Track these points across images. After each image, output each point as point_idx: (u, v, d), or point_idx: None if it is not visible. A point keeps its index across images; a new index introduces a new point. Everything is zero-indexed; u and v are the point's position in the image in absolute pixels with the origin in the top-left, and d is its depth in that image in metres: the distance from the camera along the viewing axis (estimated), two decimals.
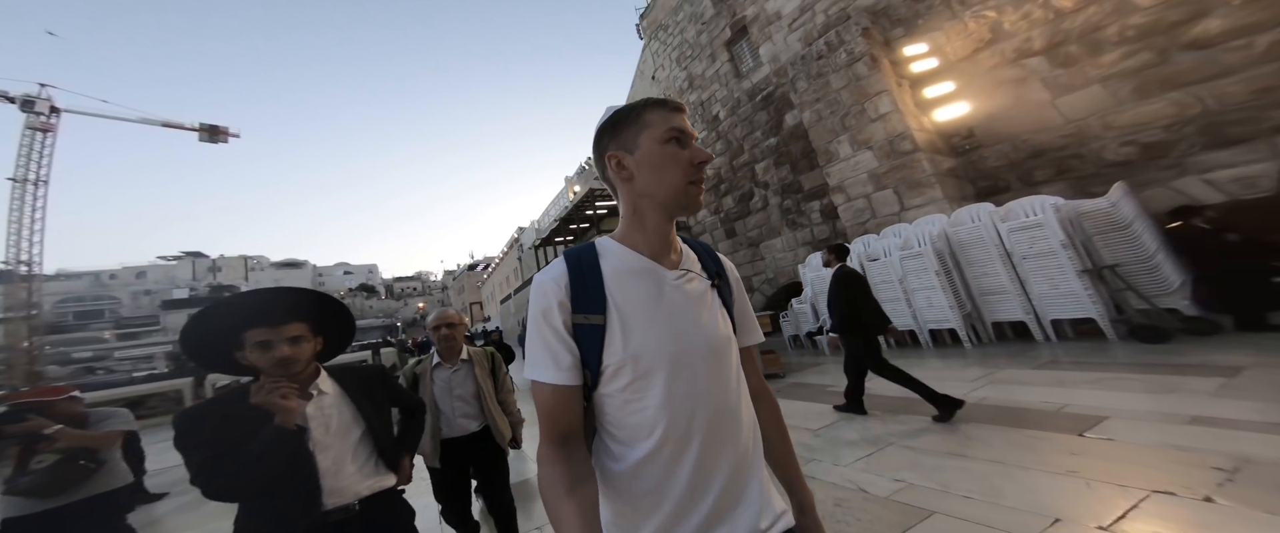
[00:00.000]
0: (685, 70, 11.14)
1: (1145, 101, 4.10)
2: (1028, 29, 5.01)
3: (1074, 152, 4.59)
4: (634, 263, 0.54)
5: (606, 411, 0.52)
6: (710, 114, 10.48)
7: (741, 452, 0.53)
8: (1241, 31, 3.64)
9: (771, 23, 8.85)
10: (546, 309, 0.51)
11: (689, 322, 0.53)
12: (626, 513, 0.51)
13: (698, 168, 0.52)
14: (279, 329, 0.89)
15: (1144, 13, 4.13)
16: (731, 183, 10.12)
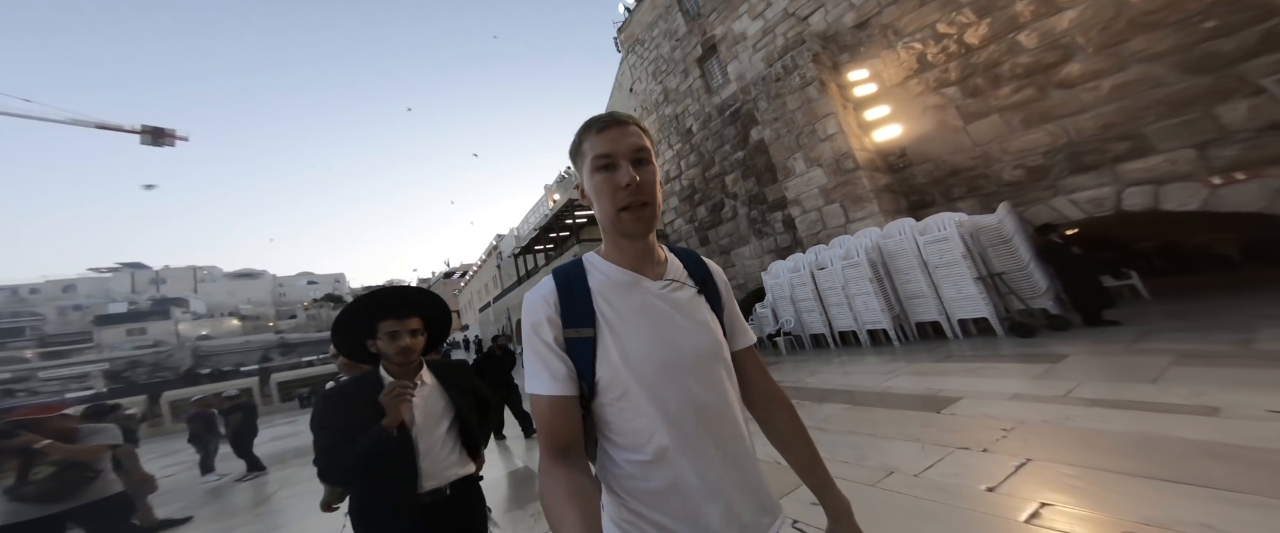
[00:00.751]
0: (660, 84, 11.86)
1: (1030, 131, 4.99)
2: (945, 61, 5.91)
3: (981, 171, 5.45)
4: (618, 276, 0.56)
5: (606, 419, 0.54)
6: (684, 127, 11.19)
7: (737, 454, 0.54)
8: (1093, 75, 4.57)
9: (738, 42, 9.64)
10: (536, 324, 0.54)
11: (676, 330, 0.55)
12: (630, 518, 0.52)
13: (625, 191, 0.51)
14: (404, 322, 1.02)
15: (1028, 53, 5.05)
16: (704, 193, 10.80)
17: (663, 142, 12.03)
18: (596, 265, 0.58)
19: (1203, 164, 3.97)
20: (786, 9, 8.29)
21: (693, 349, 0.55)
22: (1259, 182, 3.68)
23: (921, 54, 6.15)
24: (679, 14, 11.13)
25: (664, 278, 0.58)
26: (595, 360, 0.53)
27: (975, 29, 5.58)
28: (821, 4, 7.62)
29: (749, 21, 9.19)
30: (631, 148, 0.53)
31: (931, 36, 6.00)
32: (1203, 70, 4.01)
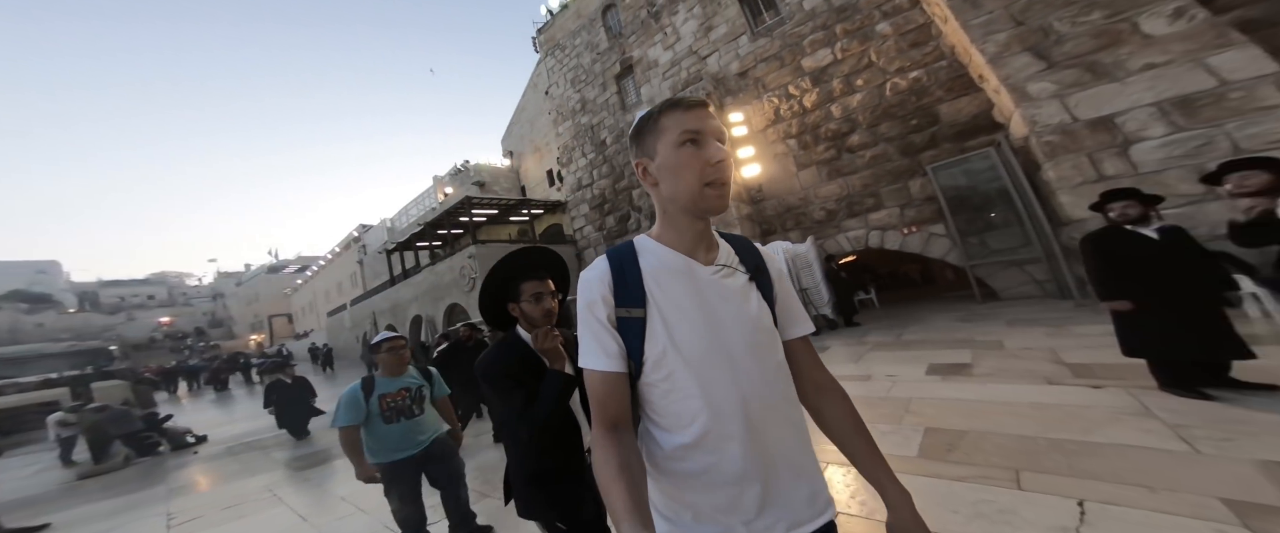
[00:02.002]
0: (578, 93, 12.82)
1: (830, 182, 7.04)
2: (790, 117, 7.84)
3: (803, 210, 7.42)
4: (671, 260, 0.60)
5: (650, 399, 0.59)
6: (599, 138, 12.25)
7: (785, 441, 0.58)
8: (863, 146, 6.69)
9: (651, 68, 11.07)
10: (592, 303, 0.58)
11: (727, 315, 0.59)
12: (673, 495, 0.58)
13: (715, 168, 0.55)
14: (545, 282, 1.10)
15: (834, 122, 7.10)
16: (614, 203, 11.92)
17: (576, 149, 12.95)
18: (649, 248, 0.62)
19: (902, 219, 6.22)
20: (691, 47, 9.92)
21: (741, 336, 0.58)
22: (920, 234, 5.99)
23: (777, 108, 8.04)
24: (602, 29, 12.31)
25: (716, 263, 0.62)
26: (644, 341, 0.57)
27: (809, 95, 7.61)
28: (717, 50, 9.34)
29: (662, 51, 10.69)
30: (717, 129, 0.58)
31: (784, 95, 7.93)
32: (906, 154, 6.30)
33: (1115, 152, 4.04)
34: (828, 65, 7.45)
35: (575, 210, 13.47)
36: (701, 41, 9.66)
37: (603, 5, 12.12)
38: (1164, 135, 3.82)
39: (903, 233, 6.50)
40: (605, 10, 12.20)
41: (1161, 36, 3.88)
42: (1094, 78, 4.16)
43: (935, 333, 4.56)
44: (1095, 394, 2.31)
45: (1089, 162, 4.16)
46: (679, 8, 9.94)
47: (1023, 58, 4.60)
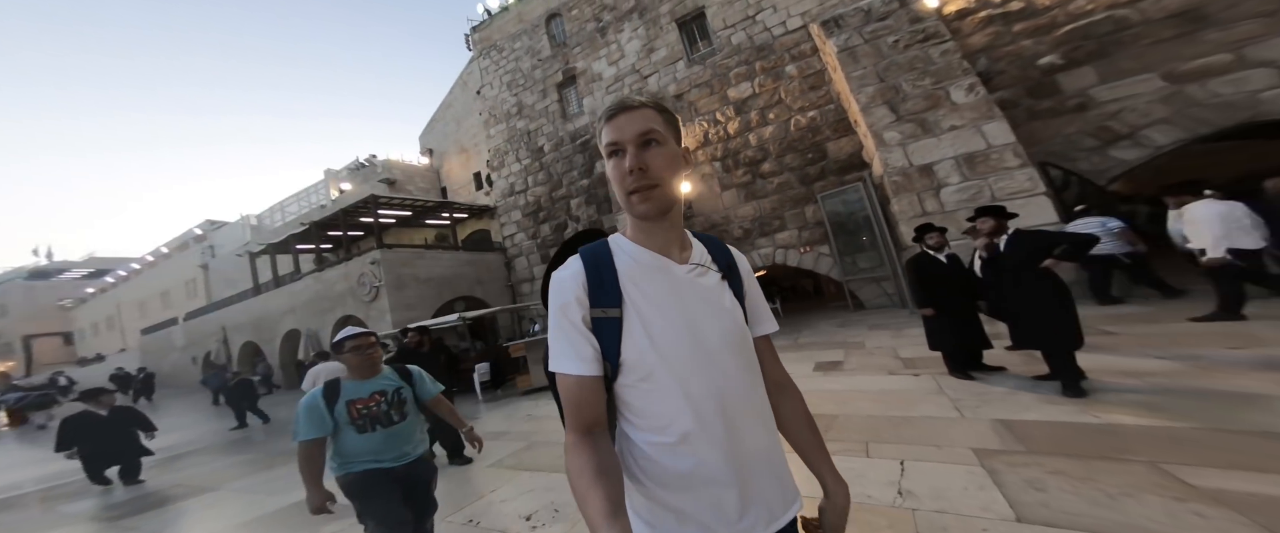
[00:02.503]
0: (516, 97, 12.72)
1: (746, 204, 7.97)
2: (717, 141, 8.74)
3: (724, 228, 8.27)
4: (646, 259, 0.61)
5: (628, 401, 0.59)
6: (536, 145, 12.19)
7: (758, 438, 0.60)
8: (772, 174, 7.75)
9: (595, 81, 11.51)
10: (565, 305, 0.58)
11: (702, 314, 0.60)
12: (654, 499, 0.58)
13: (631, 177, 0.57)
14: None
15: (751, 149, 8.10)
16: (550, 212, 11.81)
17: (510, 153, 12.72)
18: (623, 247, 0.63)
19: (799, 239, 7.32)
20: (634, 65, 10.64)
21: (717, 334, 0.60)
22: (812, 253, 7.12)
23: (706, 131, 8.92)
24: (546, 37, 12.56)
25: (691, 262, 0.63)
26: (621, 342, 0.57)
27: (732, 123, 8.62)
28: (657, 71, 10.12)
29: (606, 65, 11.28)
30: (636, 133, 0.58)
31: (712, 120, 8.85)
32: (804, 183, 7.51)
33: (933, 193, 5.49)
34: (748, 97, 8.65)
35: (506, 217, 13.00)
36: (644, 61, 10.51)
37: (547, 13, 12.47)
38: (958, 183, 5.37)
39: (800, 252, 7.81)
40: (550, 18, 12.56)
41: (961, 104, 5.39)
42: (923, 132, 5.59)
43: (821, 337, 5.58)
44: (915, 381, 3.20)
45: (918, 199, 5.57)
46: (624, 26, 10.79)
47: (882, 110, 5.95)
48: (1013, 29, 6.17)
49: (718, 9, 9.26)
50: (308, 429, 1.56)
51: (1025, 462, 1.85)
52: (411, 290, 10.57)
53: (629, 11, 10.63)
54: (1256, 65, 4.89)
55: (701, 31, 9.76)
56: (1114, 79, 5.55)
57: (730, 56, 8.96)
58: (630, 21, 10.65)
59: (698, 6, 9.60)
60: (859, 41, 6.30)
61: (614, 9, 10.94)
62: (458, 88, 17.64)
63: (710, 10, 9.38)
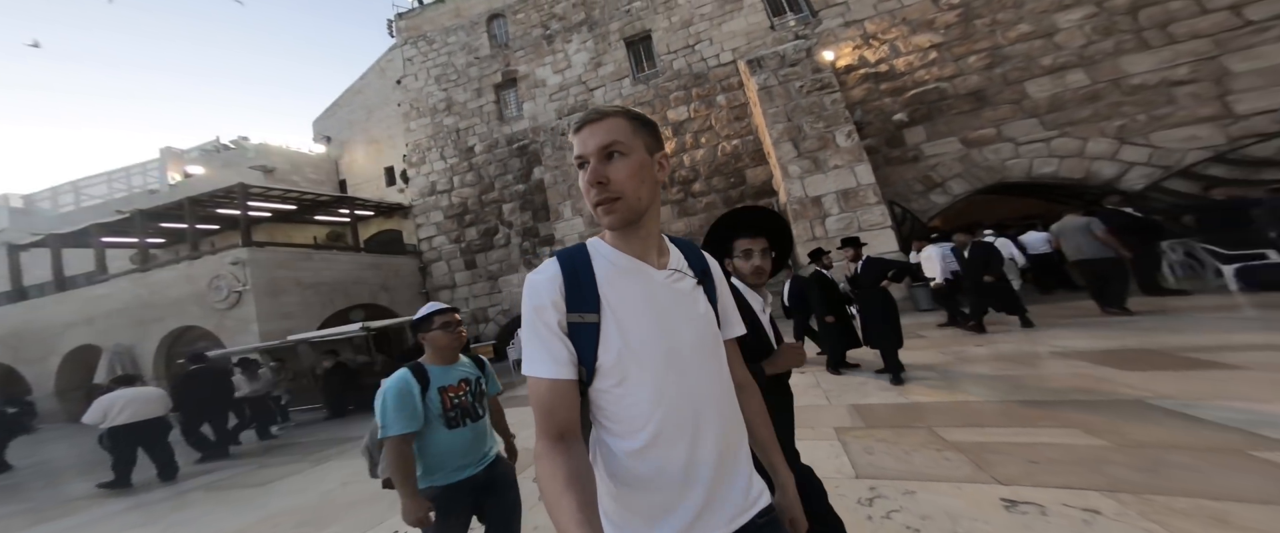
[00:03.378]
0: (445, 92, 12.65)
1: (679, 220, 9.17)
2: None
3: None
4: (624, 263, 0.66)
5: (603, 405, 0.64)
6: (465, 144, 12.16)
7: (729, 439, 0.66)
8: (702, 194, 9.02)
9: (538, 86, 12.02)
10: (540, 307, 0.62)
11: (679, 319, 0.65)
12: (626, 502, 0.62)
13: (593, 189, 0.63)
14: (758, 240, 1.26)
15: (685, 169, 9.29)
16: (478, 215, 11.67)
17: (434, 150, 12.46)
18: (602, 251, 0.67)
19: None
20: (580, 76, 11.47)
21: (694, 339, 0.65)
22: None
23: None
24: (486, 36, 12.92)
25: (668, 268, 0.69)
26: (598, 346, 0.61)
27: (670, 143, 9.81)
28: (603, 85, 11.05)
29: (551, 73, 11.94)
30: (598, 146, 0.63)
31: None
32: (727, 205, 9.07)
33: (820, 221, 7.32)
34: (684, 120, 10.06)
35: (424, 217, 12.45)
36: (590, 74, 11.49)
37: (490, 13, 12.93)
38: (838, 214, 7.27)
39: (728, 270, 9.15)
40: (492, 18, 13.04)
41: (842, 147, 7.23)
42: (816, 168, 7.33)
43: None
44: (801, 377, 4.19)
45: (810, 225, 7.25)
46: (573, 37, 11.88)
47: (788, 145, 7.59)
48: (880, 87, 8.62)
49: (663, 34, 10.86)
50: (401, 422, 1.38)
51: (864, 435, 2.70)
52: (291, 297, 9.47)
53: (579, 24, 11.78)
54: (1005, 140, 7.70)
55: (648, 53, 11.27)
56: (934, 138, 8.11)
57: (671, 80, 10.43)
58: (580, 34, 11.76)
59: (645, 30, 11.11)
60: (774, 83, 8.06)
61: (564, 19, 12.03)
62: (373, 74, 16.70)
63: (656, 35, 10.95)
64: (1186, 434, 2.10)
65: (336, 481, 3.59)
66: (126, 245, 12.36)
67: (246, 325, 8.61)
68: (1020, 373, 3.33)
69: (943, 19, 8.27)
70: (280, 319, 8.94)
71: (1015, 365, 3.53)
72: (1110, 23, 7.29)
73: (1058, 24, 7.59)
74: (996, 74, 7.81)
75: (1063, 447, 2.16)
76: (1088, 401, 2.65)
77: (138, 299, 9.51)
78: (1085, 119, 7.25)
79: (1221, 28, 6.69)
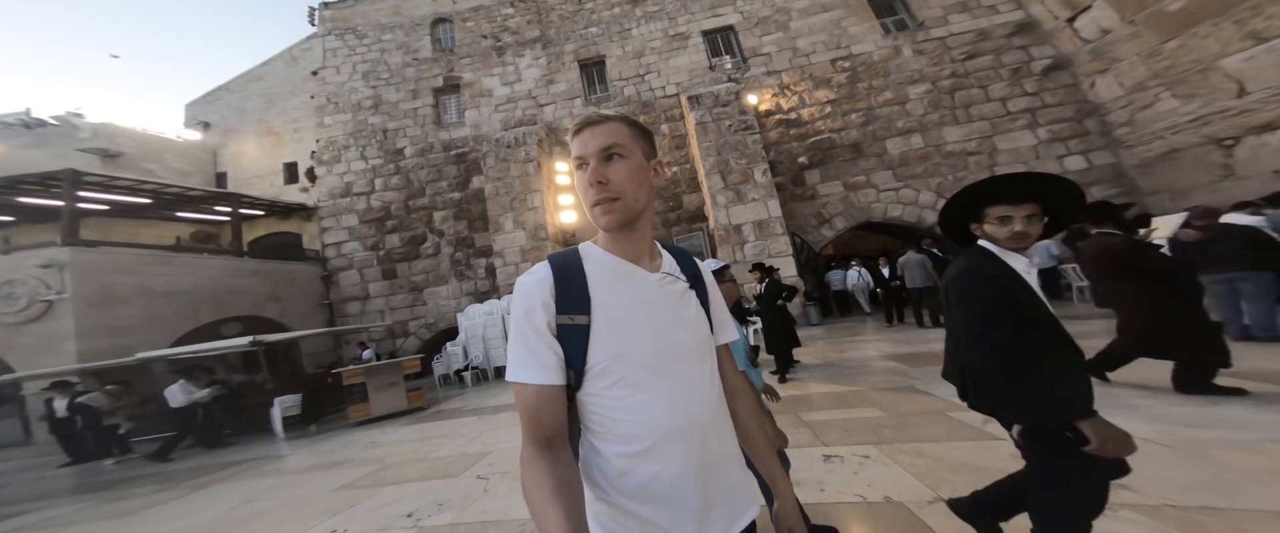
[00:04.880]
0: (373, 89, 13.33)
1: None
2: None
3: None
4: (617, 266, 0.74)
5: (593, 410, 0.71)
6: (394, 146, 12.79)
7: (723, 444, 0.75)
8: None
9: (482, 96, 13.22)
10: (529, 309, 0.69)
11: (672, 322, 0.74)
12: (618, 509, 0.68)
13: (592, 189, 0.73)
14: (1018, 207, 1.35)
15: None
16: (403, 221, 12.10)
17: (353, 148, 12.88)
18: (594, 255, 0.76)
19: None
20: (530, 91, 13.00)
21: (686, 343, 0.74)
22: None
23: None
24: (429, 38, 14.10)
25: (660, 271, 0.78)
26: (588, 349, 0.68)
27: None
28: (555, 102, 12.47)
29: (499, 84, 13.32)
30: (599, 147, 0.73)
31: None
32: (666, 226, 11.34)
33: (740, 246, 9.75)
34: None
35: (333, 220, 12.46)
36: (541, 90, 13.13)
37: (436, 16, 14.22)
38: (754, 240, 9.81)
39: None
40: (437, 22, 14.21)
41: (759, 183, 9.58)
42: (738, 200, 9.68)
43: None
44: None
45: (733, 250, 9.52)
46: (525, 52, 13.77)
47: (717, 177, 9.79)
48: (790, 132, 11.66)
49: (616, 61, 13.16)
50: None
51: None
52: (132, 307, 9.17)
53: (533, 40, 13.72)
54: (872, 186, 10.98)
55: (601, 77, 13.51)
56: (825, 181, 11.29)
57: (622, 105, 12.46)
58: (533, 50, 13.65)
59: (599, 55, 13.25)
60: (709, 119, 10.37)
61: (517, 34, 13.91)
62: (280, 62, 16.65)
63: (609, 61, 13.19)
64: (922, 405, 3.62)
65: (238, 499, 3.77)
66: None
67: (57, 343, 8.00)
68: (857, 370, 5.18)
69: (837, 78, 11.58)
70: (112, 335, 8.49)
71: (855, 365, 5.43)
72: (939, 99, 10.91)
73: (909, 94, 11.11)
74: (869, 131, 11.06)
75: (863, 419, 3.54)
76: (886, 387, 4.30)
77: None
78: (919, 174, 10.60)
79: (995, 114, 10.56)
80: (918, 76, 10.98)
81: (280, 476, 4.39)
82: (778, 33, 12.13)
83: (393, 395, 7.02)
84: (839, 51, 11.55)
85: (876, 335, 7.08)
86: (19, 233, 12.27)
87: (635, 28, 13.01)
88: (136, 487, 4.87)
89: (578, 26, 13.43)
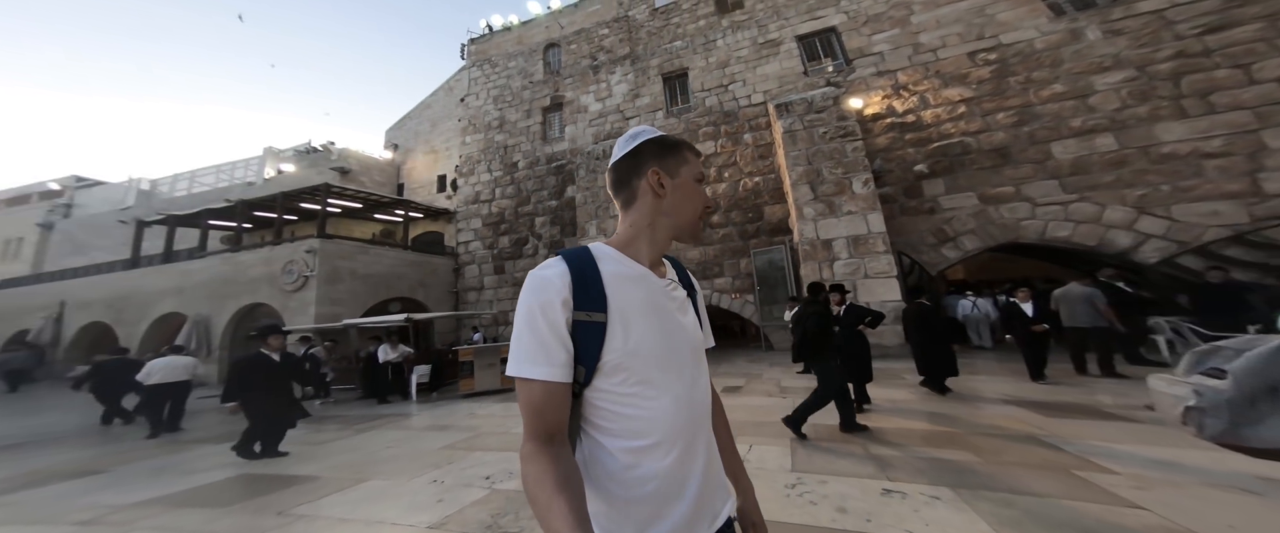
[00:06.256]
0: (500, 111, 14.53)
1: (694, 248, 9.86)
2: None
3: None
4: (631, 270, 0.73)
5: (601, 406, 0.67)
6: (510, 160, 13.84)
7: (710, 446, 0.75)
8: (718, 225, 9.69)
9: (580, 112, 13.51)
10: (547, 303, 0.65)
11: (677, 326, 0.73)
12: (617, 507, 0.66)
13: (707, 209, 0.78)
14: None
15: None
16: (512, 225, 13.14)
17: (483, 163, 14.22)
18: (608, 256, 0.73)
19: (733, 286, 9.38)
20: (619, 106, 12.78)
21: (689, 346, 0.74)
22: (740, 300, 9.02)
23: None
24: (542, 63, 14.76)
25: (666, 278, 0.78)
26: (603, 346, 0.65)
27: None
28: (639, 114, 12.20)
29: (593, 100, 13.38)
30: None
31: None
32: (743, 238, 9.60)
33: (829, 263, 7.74)
34: (711, 154, 10.90)
35: (464, 224, 14.11)
36: (628, 104, 12.76)
37: (547, 42, 14.82)
38: (846, 258, 7.66)
39: (732, 297, 9.85)
40: (548, 47, 14.91)
41: (858, 194, 7.62)
42: (830, 212, 7.79)
43: (735, 368, 7.41)
44: (785, 400, 4.86)
45: (819, 267, 7.69)
46: (616, 69, 13.32)
47: (805, 188, 8.12)
48: (905, 137, 8.94)
49: (699, 73, 11.91)
50: None
51: (811, 446, 3.40)
52: (345, 285, 11.14)
53: (623, 57, 13.22)
54: (1023, 199, 7.73)
55: (682, 89, 12.35)
56: (953, 192, 8.24)
57: (702, 116, 11.36)
58: (623, 66, 13.16)
59: (683, 68, 12.24)
60: (799, 127, 8.69)
61: (610, 52, 13.53)
62: (442, 92, 19.40)
63: (692, 73, 12.02)
64: (1039, 458, 2.83)
65: (381, 445, 4.43)
66: (226, 229, 15.25)
67: (306, 307, 10.09)
68: (961, 412, 3.98)
69: (976, 73, 8.52)
70: (332, 304, 10.37)
71: (964, 406, 4.14)
72: (1149, 87, 7.28)
73: (1094, 86, 7.66)
74: (1023, 132, 7.95)
75: (947, 461, 2.87)
76: (995, 434, 3.34)
77: (221, 276, 11.43)
78: (1107, 185, 7.21)
79: (1267, 100, 6.51)
80: (1110, 63, 7.57)
81: (408, 431, 4.98)
82: (893, 29, 9.62)
83: (491, 375, 7.44)
84: (981, 43, 8.62)
85: (1002, 377, 5.26)
86: (298, 228, 17.09)
87: (721, 38, 11.69)
88: (327, 426, 5.71)
89: (663, 41, 12.58)
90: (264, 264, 11.02)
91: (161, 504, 3.08)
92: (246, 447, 4.17)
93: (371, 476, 3.45)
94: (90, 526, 2.77)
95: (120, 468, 4.10)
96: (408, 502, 2.85)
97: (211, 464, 4.08)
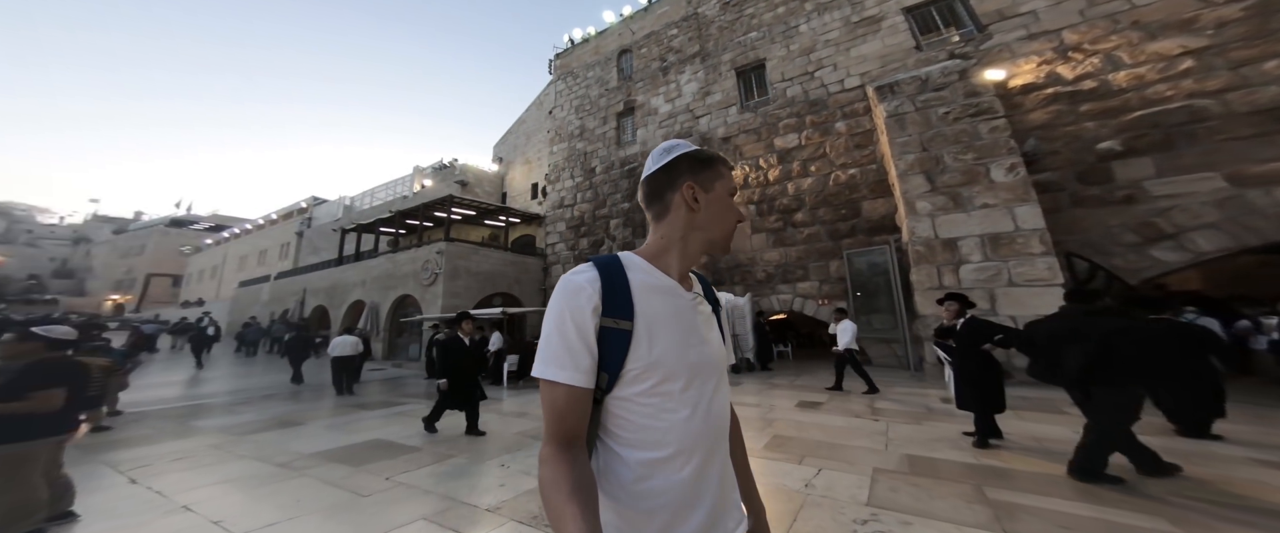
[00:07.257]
0: (580, 120, 14.65)
1: (773, 250, 8.54)
2: (755, 185, 9.51)
3: (748, 268, 8.88)
4: (660, 281, 0.69)
5: (620, 414, 0.63)
6: (589, 166, 13.85)
7: (727, 463, 0.71)
8: (803, 224, 8.24)
9: (650, 114, 12.92)
10: (577, 309, 0.61)
11: (702, 339, 0.69)
12: (632, 517, 0.62)
13: (739, 222, 0.76)
14: None
15: (786, 199, 8.74)
16: (590, 228, 13.20)
17: (566, 171, 14.48)
18: (638, 266, 0.69)
19: (820, 291, 7.60)
20: (688, 105, 11.84)
21: (713, 359, 0.69)
22: (829, 307, 7.35)
23: (747, 175, 9.72)
24: (615, 70, 14.45)
25: (692, 292, 0.73)
26: (628, 354, 0.62)
27: (773, 170, 9.32)
28: (709, 113, 11.22)
29: (663, 102, 12.62)
30: None
31: (754, 165, 9.65)
32: (833, 238, 7.87)
33: (952, 268, 5.61)
34: (793, 148, 9.28)
35: (552, 227, 14.69)
36: (698, 103, 11.63)
37: (620, 49, 14.39)
38: (979, 261, 5.45)
39: (818, 303, 8.07)
40: (621, 54, 14.47)
41: (999, 183, 5.55)
42: (955, 206, 5.78)
43: (817, 382, 6.06)
44: (871, 423, 3.94)
45: (937, 271, 5.70)
46: (686, 69, 12.06)
47: (919, 178, 6.26)
48: (1079, 109, 6.12)
49: (778, 62, 10.10)
50: None
51: (900, 478, 2.65)
52: (462, 281, 12.38)
53: (693, 56, 11.90)
54: None
55: (758, 81, 10.62)
56: (1172, 174, 5.31)
57: (783, 107, 9.70)
58: (692, 65, 11.89)
59: (759, 59, 10.54)
60: (909, 109, 6.69)
61: (680, 52, 12.29)
62: (533, 107, 20.53)
63: (770, 63, 10.24)
64: None
65: None
66: (388, 234, 18.64)
67: (436, 299, 11.22)
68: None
69: (1211, 16, 5.43)
70: (453, 297, 11.37)
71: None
72: None
73: None
74: None
75: (1125, 527, 1.93)
76: (1212, 498, 2.17)
77: (386, 272, 13.28)
78: None
79: None
80: None
81: (497, 414, 5.14)
82: None
83: None
84: None
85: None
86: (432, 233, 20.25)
87: (803, 24, 9.73)
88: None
89: (736, 35, 10.90)
90: (411, 262, 12.60)
91: (324, 457, 3.57)
92: (432, 422, 4.31)
93: (458, 454, 3.63)
94: (284, 467, 3.36)
95: (312, 423, 4.85)
96: (475, 482, 2.96)
97: (363, 428, 4.53)
